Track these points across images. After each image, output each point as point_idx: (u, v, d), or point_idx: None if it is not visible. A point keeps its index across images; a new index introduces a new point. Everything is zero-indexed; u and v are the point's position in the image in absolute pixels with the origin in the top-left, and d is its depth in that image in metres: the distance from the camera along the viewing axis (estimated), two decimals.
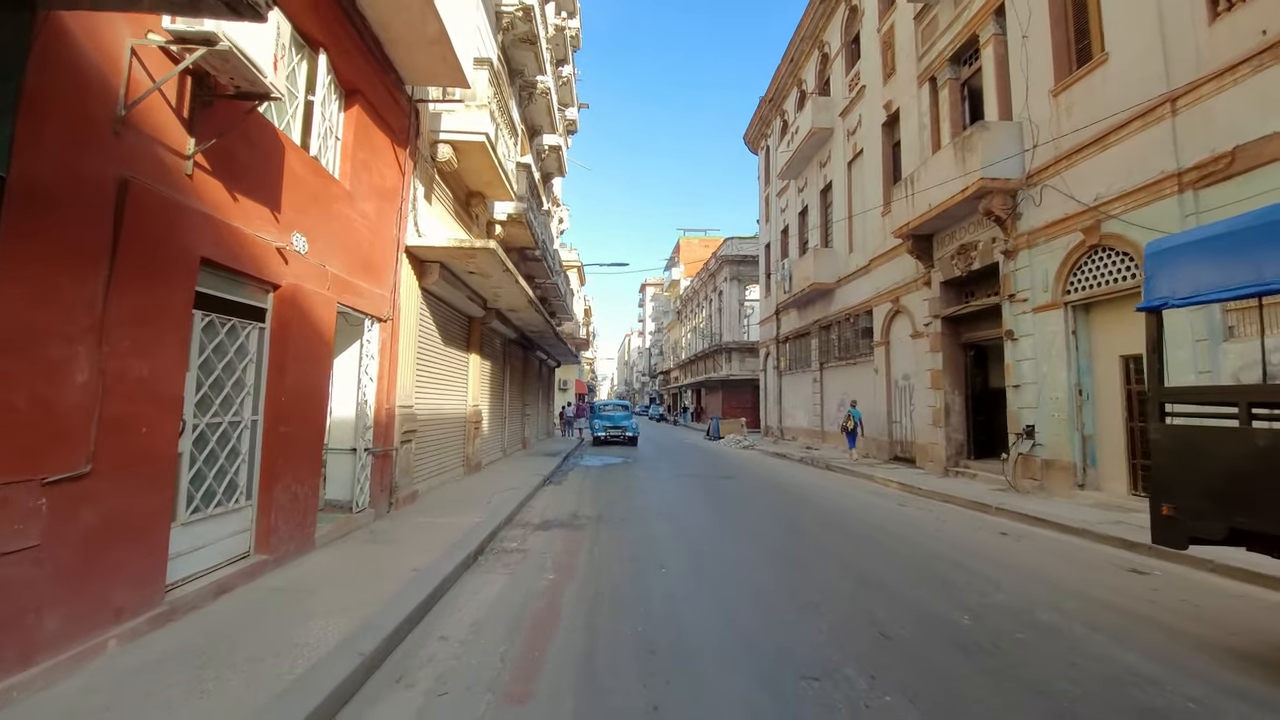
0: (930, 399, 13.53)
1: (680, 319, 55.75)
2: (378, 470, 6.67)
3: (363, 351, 6.51)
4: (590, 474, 13.12)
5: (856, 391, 17.99)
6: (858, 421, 16.15)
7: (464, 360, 11.01)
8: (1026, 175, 10.69)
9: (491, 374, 13.56)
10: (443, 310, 9.55)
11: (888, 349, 15.94)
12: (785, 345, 24.84)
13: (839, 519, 8.02)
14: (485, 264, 8.14)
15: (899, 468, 14.12)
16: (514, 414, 16.65)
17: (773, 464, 16.39)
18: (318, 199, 5.32)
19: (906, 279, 14.71)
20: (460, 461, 10.77)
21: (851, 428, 16.20)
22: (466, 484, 9.79)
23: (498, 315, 12.46)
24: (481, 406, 12.37)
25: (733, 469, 14.67)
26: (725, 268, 37.97)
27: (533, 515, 7.95)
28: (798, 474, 13.84)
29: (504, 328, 13.64)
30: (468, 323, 11.20)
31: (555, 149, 20.02)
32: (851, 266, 18.25)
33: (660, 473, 13.46)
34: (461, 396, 10.87)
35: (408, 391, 7.69)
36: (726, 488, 11.00)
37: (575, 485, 11.18)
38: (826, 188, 20.72)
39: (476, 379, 11.59)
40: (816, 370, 20.90)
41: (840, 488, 11.47)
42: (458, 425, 10.61)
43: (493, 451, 13.67)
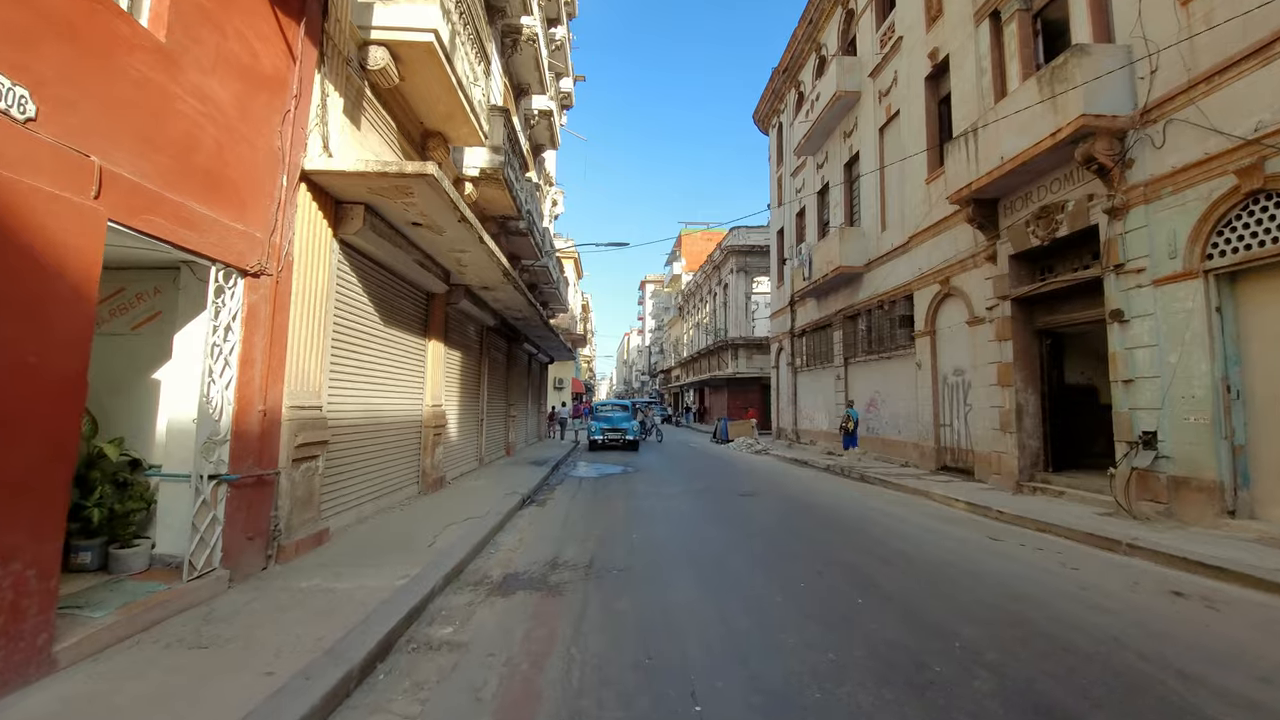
0: (995, 398, 11.16)
1: (682, 315, 53.41)
2: (243, 506, 4.29)
3: (217, 321, 4.12)
4: (583, 489, 10.72)
5: (890, 390, 15.62)
6: (856, 421, 15.59)
7: (420, 348, 8.63)
8: (1142, 110, 8.32)
9: (464, 367, 11.18)
10: (380, 278, 7.16)
11: (933, 340, 13.56)
12: (801, 339, 22.47)
13: (928, 567, 5.64)
14: (429, 204, 5.75)
15: (953, 480, 11.75)
16: (495, 415, 14.26)
17: (796, 474, 14.00)
18: (79, 37, 2.95)
19: (961, 255, 12.34)
20: (413, 478, 8.39)
21: (851, 429, 15.52)
22: (416, 511, 7.40)
23: (469, 295, 10.07)
24: (447, 407, 9.99)
25: (752, 482, 12.28)
26: (731, 259, 35.62)
27: (494, 564, 5.56)
28: (832, 488, 11.46)
29: (479, 311, 11.25)
30: (426, 300, 8.81)
31: (546, 115, 17.64)
32: (885, 246, 15.88)
33: (667, 487, 11.07)
34: (416, 394, 8.49)
35: (312, 386, 5.31)
36: (752, 511, 8.61)
37: (563, 507, 8.79)
38: (852, 160, 18.36)
39: (439, 372, 9.20)
40: (839, 366, 18.53)
41: (895, 509, 9.09)
42: (409, 432, 8.23)
43: (464, 461, 11.28)
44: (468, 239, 6.95)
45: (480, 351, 12.50)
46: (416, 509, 7.45)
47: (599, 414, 21.64)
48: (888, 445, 15.67)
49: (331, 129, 5.56)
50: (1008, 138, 10.02)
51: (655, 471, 13.88)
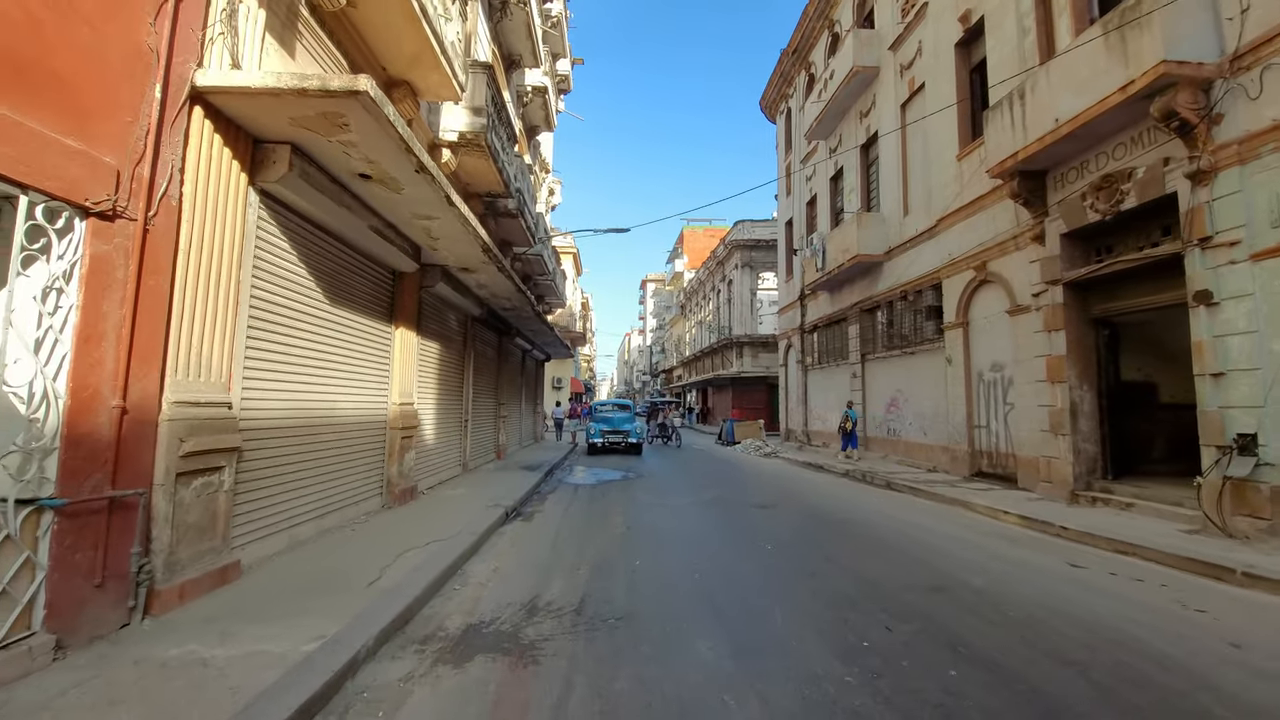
0: (1042, 396, 9.88)
1: (684, 313, 52.14)
2: (84, 542, 3.02)
3: (31, 275, 2.86)
4: (578, 499, 9.44)
5: (914, 388, 14.34)
6: (854, 422, 15.43)
7: (383, 336, 7.35)
8: (1232, 55, 7.06)
9: (443, 361, 9.91)
10: (325, 247, 5.87)
11: (966, 332, 12.28)
12: (813, 335, 21.19)
13: (1018, 613, 4.35)
14: (373, 143, 4.48)
15: (993, 488, 10.47)
16: (482, 416, 12.98)
17: (813, 480, 12.71)
18: None
19: (1000, 236, 11.06)
20: (376, 489, 7.11)
21: (850, 429, 15.30)
22: (372, 530, 6.12)
23: (446, 277, 8.80)
24: (421, 406, 8.73)
25: (766, 490, 11.00)
26: (736, 253, 34.35)
27: (455, 607, 4.27)
28: (858, 498, 10.16)
29: (461, 298, 9.98)
30: (392, 281, 7.54)
31: (540, 93, 16.38)
32: (908, 232, 14.61)
33: (673, 497, 9.78)
34: (378, 390, 7.22)
35: (215, 375, 4.05)
36: (775, 529, 7.33)
37: (553, 522, 7.51)
38: (869, 141, 17.09)
39: (409, 366, 7.93)
40: (856, 363, 17.24)
41: (939, 525, 7.81)
42: (369, 434, 6.96)
43: (444, 467, 10.00)
44: (432, 200, 5.67)
45: (464, 344, 11.23)
46: (373, 528, 6.17)
47: (598, 415, 19.73)
48: (911, 448, 14.39)
49: (249, 47, 4.29)
50: (1063, 98, 8.75)
51: (658, 478, 12.59)
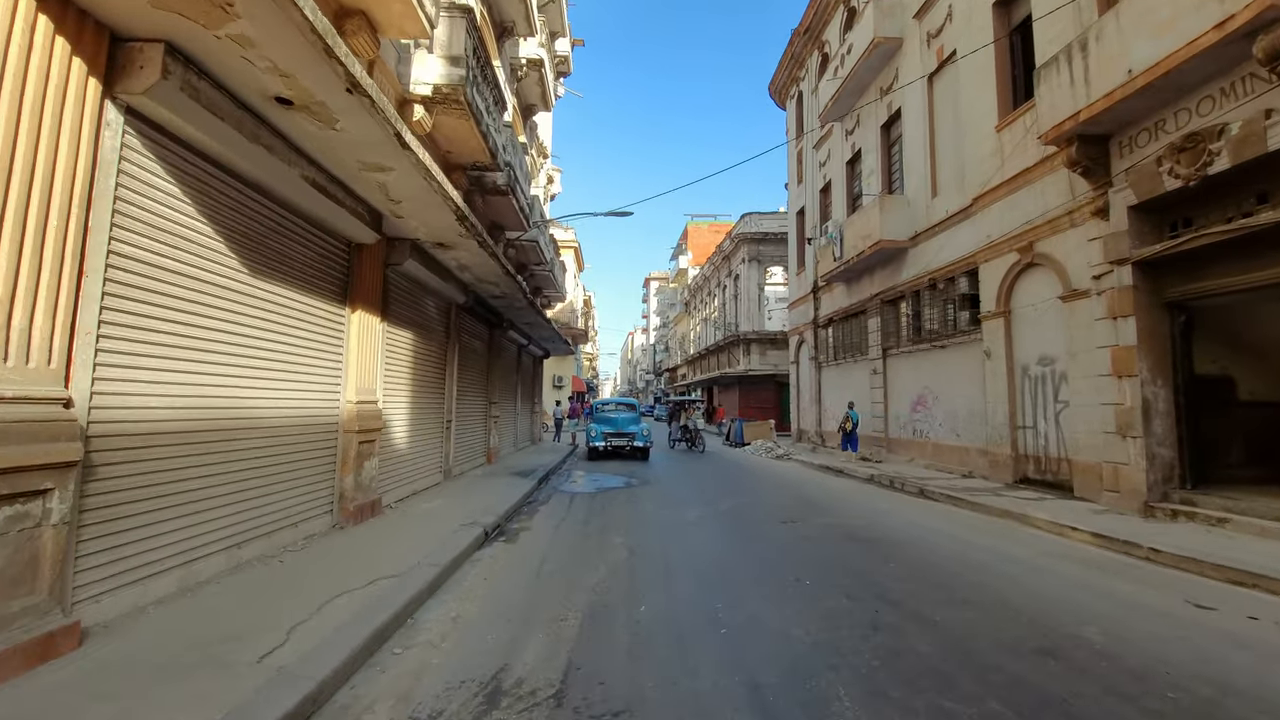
0: (1106, 392, 8.61)
1: (688, 311, 50.87)
2: None
3: None
4: (573, 513, 8.18)
5: (944, 385, 13.06)
6: (855, 423, 15.51)
7: (334, 320, 6.11)
8: None
9: (419, 354, 8.66)
10: (238, 199, 4.57)
11: (1008, 322, 10.99)
12: (827, 330, 19.92)
13: (1182, 695, 3.11)
14: (275, 41, 3.24)
15: (1045, 498, 9.21)
16: (469, 416, 11.74)
17: (837, 488, 11.44)
18: None
19: (1052, 212, 9.77)
20: (324, 505, 5.87)
21: (850, 429, 15.40)
22: (304, 562, 4.86)
23: (418, 253, 7.56)
24: (389, 404, 7.50)
25: (788, 500, 9.73)
26: (743, 247, 33.06)
27: (381, 694, 2.93)
28: (893, 510, 8.90)
29: (439, 281, 8.74)
30: (346, 253, 6.30)
31: (536, 66, 15.14)
32: (937, 214, 13.33)
33: (683, 509, 8.53)
34: (326, 384, 5.98)
35: (31, 354, 2.82)
36: (810, 554, 6.06)
37: (540, 545, 6.25)
38: (891, 119, 15.81)
39: (372, 356, 6.68)
40: (877, 358, 15.96)
41: (995, 543, 6.55)
42: (313, 439, 5.71)
43: (420, 475, 8.76)
44: (381, 142, 4.43)
45: (447, 335, 9.99)
46: (309, 559, 4.93)
47: (600, 415, 17.65)
48: (941, 451, 13.11)
49: None
50: (1139, 45, 7.48)
51: (666, 485, 11.33)
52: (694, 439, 19.77)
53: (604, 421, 16.89)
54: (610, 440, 16.10)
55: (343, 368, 6.16)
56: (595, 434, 16.25)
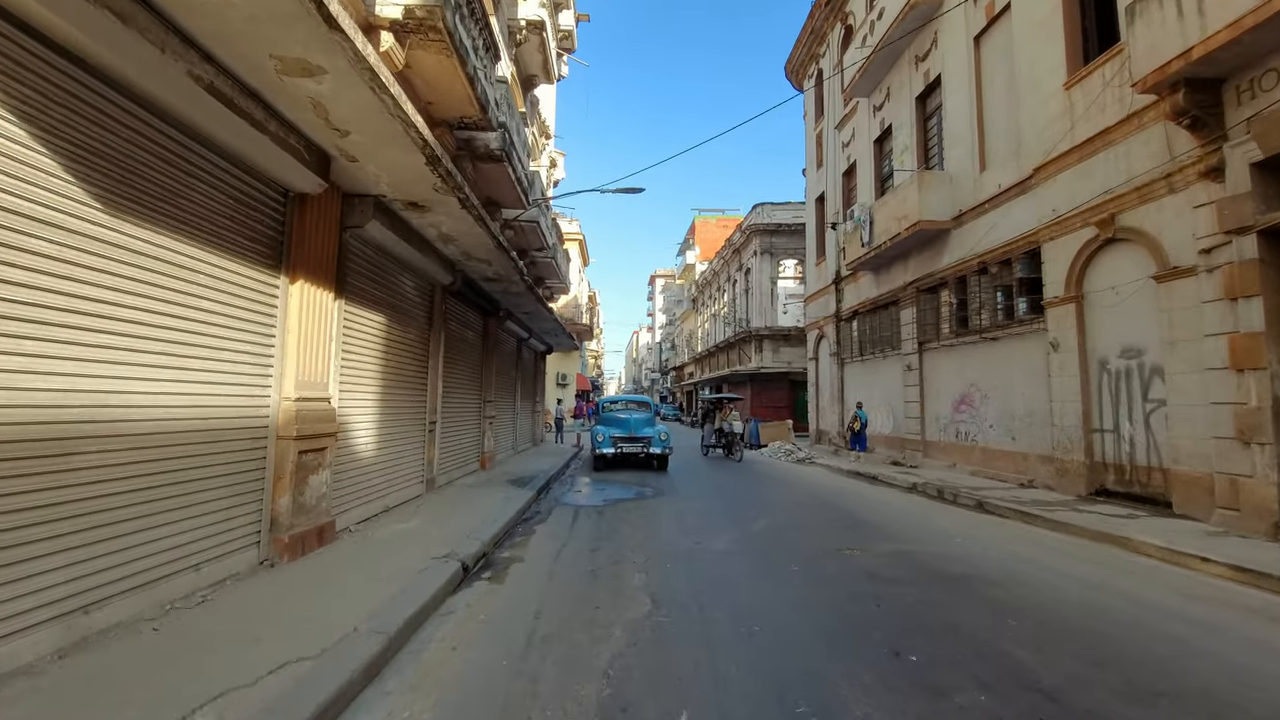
0: (1219, 389, 7.13)
1: (696, 308, 49.39)
2: None
3: None
4: (577, 537, 6.73)
5: (996, 381, 11.56)
6: (864, 423, 15.24)
7: (262, 290, 4.66)
8: None
9: (391, 342, 7.23)
10: (91, 101, 3.19)
11: (1079, 308, 9.50)
12: (851, 323, 18.43)
13: None
14: None
15: (1136, 514, 7.74)
16: (459, 416, 10.32)
17: (881, 500, 9.97)
18: None
19: (1142, 176, 8.28)
20: (247, 536, 4.44)
21: (858, 429, 15.08)
22: (192, 631, 3.37)
23: (383, 213, 6.12)
24: (348, 402, 6.08)
25: (832, 518, 8.27)
26: (755, 239, 31.56)
27: None
28: (960, 529, 7.43)
29: (417, 254, 7.30)
30: (282, 204, 4.86)
31: (536, 29, 13.71)
32: (987, 190, 11.84)
33: (709, 532, 7.07)
34: (249, 376, 4.54)
35: None
36: (885, 600, 4.61)
37: (532, 591, 4.76)
38: (928, 90, 14.32)
39: (318, 340, 5.24)
40: (912, 353, 14.47)
41: (1117, 582, 5.08)
42: (228, 449, 4.28)
43: (392, 487, 7.32)
44: (294, 15, 2.99)
45: (430, 322, 8.55)
46: (196, 624, 3.48)
47: (608, 415, 14.69)
48: (992, 456, 11.62)
49: None
50: None
51: (682, 496, 9.88)
52: (731, 445, 16.77)
53: (613, 423, 14.02)
54: (621, 446, 13.28)
55: (276, 354, 4.74)
56: (603, 439, 13.29)
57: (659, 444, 13.33)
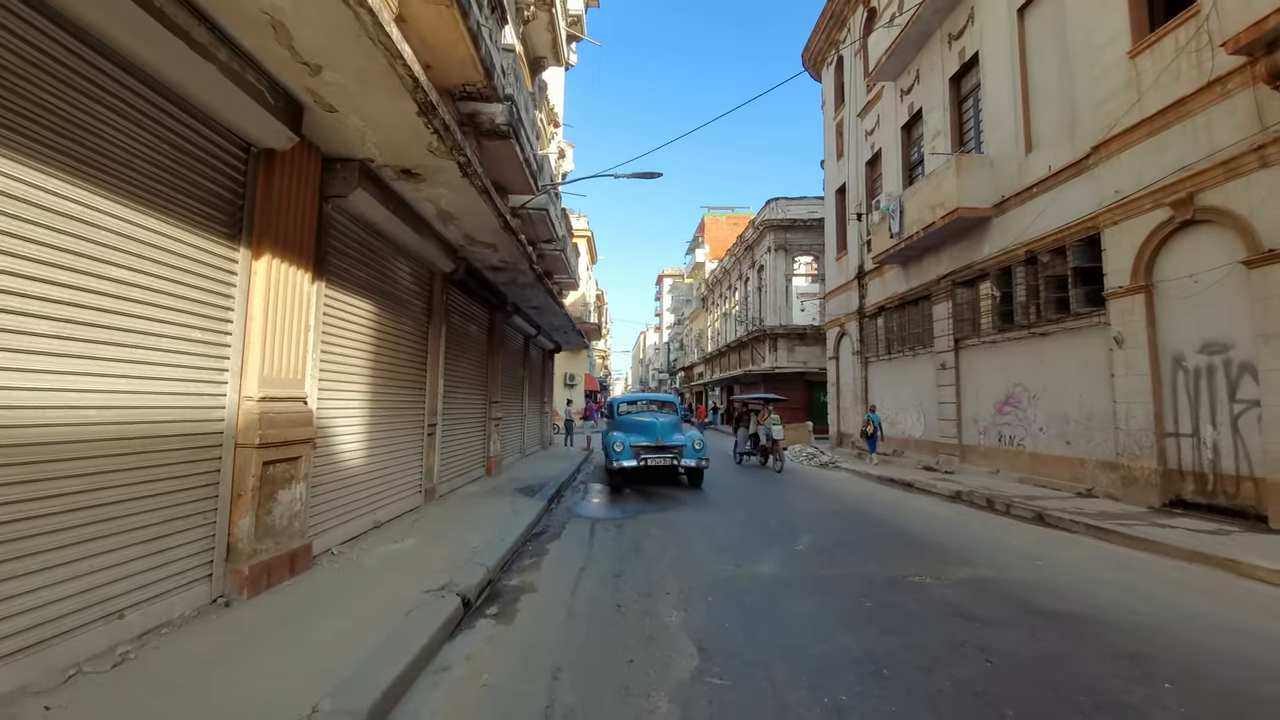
0: None
1: (705, 307, 48.46)
2: None
3: None
4: (597, 560, 5.83)
5: (1046, 381, 10.61)
6: (877, 426, 15.01)
7: (217, 264, 3.81)
8: None
9: (381, 332, 6.37)
10: None
11: (1149, 298, 8.55)
12: (876, 320, 17.48)
13: None
14: None
15: (1227, 528, 6.83)
16: (462, 418, 9.47)
17: (928, 513, 9.06)
18: None
19: (1224, 151, 7.36)
20: (196, 570, 3.59)
21: (871, 432, 14.85)
22: (93, 709, 2.58)
23: (370, 181, 5.27)
24: (332, 403, 5.23)
25: (881, 534, 7.36)
26: (768, 235, 30.61)
27: None
28: (1032, 548, 6.51)
29: (412, 234, 6.44)
30: (242, 161, 4.01)
31: (545, 5, 12.88)
32: (1034, 173, 10.88)
33: (748, 553, 6.16)
34: (200, 367, 3.70)
35: None
36: (995, 654, 3.73)
37: (549, 634, 3.86)
38: (963, 70, 13.39)
39: (290, 327, 4.38)
40: (945, 350, 13.52)
41: (1256, 623, 4.15)
42: (167, 461, 3.44)
43: (384, 500, 6.46)
44: None
45: (429, 313, 7.70)
46: (105, 699, 2.64)
47: (625, 418, 12.09)
48: (1041, 462, 10.66)
49: None
50: None
51: (709, 506, 8.99)
52: (770, 452, 14.37)
53: (632, 428, 11.09)
54: (645, 457, 10.32)
55: (234, 344, 3.88)
56: (621, 448, 10.30)
57: (693, 454, 10.60)
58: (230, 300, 3.87)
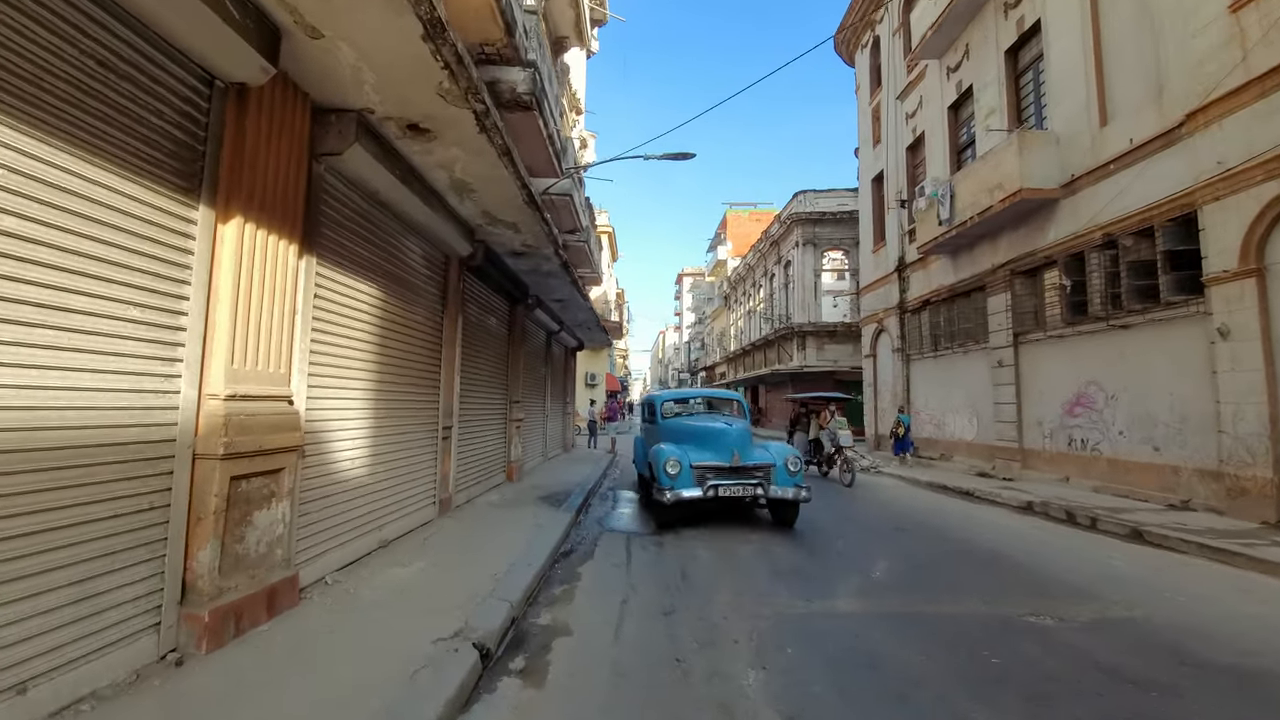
0: None
1: (728, 305, 47.35)
2: None
3: None
4: (639, 594, 4.85)
5: (1127, 378, 9.49)
6: (906, 427, 14.61)
7: (169, 227, 3.02)
8: None
9: (387, 321, 5.54)
10: None
11: (1261, 283, 7.44)
12: (919, 315, 16.37)
13: None
14: None
15: None
16: (481, 419, 8.66)
17: (1002, 528, 8.06)
18: None
19: None
20: (143, 619, 2.79)
21: (901, 434, 14.46)
22: None
23: (373, 140, 4.44)
24: (324, 398, 4.41)
25: (964, 557, 6.38)
26: (796, 229, 29.49)
27: None
28: (1158, 579, 5.47)
29: (426, 210, 5.62)
30: (205, 93, 3.19)
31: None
32: (1113, 146, 9.76)
33: (820, 582, 5.20)
34: (151, 358, 2.90)
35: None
36: None
37: (593, 700, 3.04)
38: (1022, 40, 12.29)
39: (270, 308, 3.56)
40: (1004, 346, 12.39)
41: None
42: (92, 478, 2.63)
43: (393, 515, 5.63)
44: None
45: (444, 302, 6.88)
46: None
47: (673, 423, 8.52)
48: (1122, 469, 9.54)
49: None
50: None
51: (759, 518, 8.04)
52: (834, 460, 12.18)
53: (690, 438, 7.71)
54: (714, 481, 6.98)
55: (192, 326, 3.07)
56: (676, 468, 6.97)
57: (785, 480, 7.08)
58: (186, 272, 3.06)
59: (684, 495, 6.83)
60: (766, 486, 7.05)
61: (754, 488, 7.01)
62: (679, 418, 9.05)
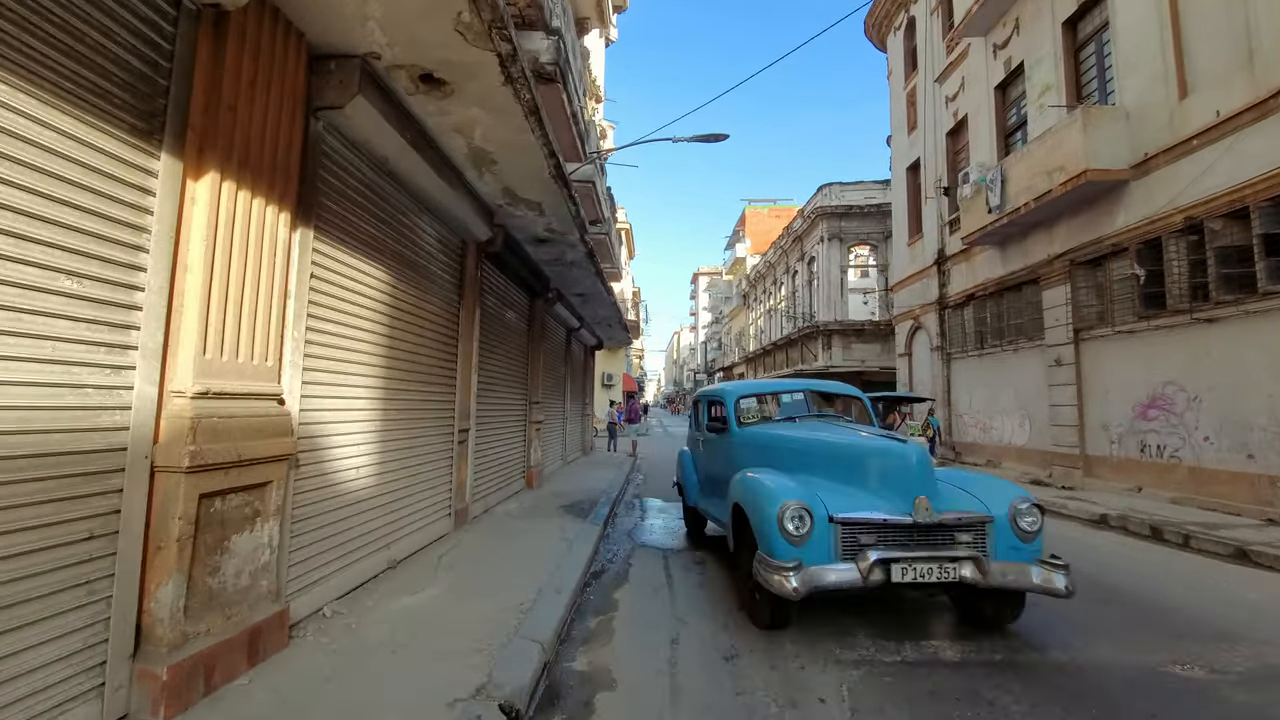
0: None
1: (747, 304, 46.38)
2: None
3: None
4: (688, 628, 4.23)
5: (1213, 377, 8.58)
6: (936, 430, 13.81)
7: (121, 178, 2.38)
8: None
9: (396, 310, 4.88)
10: None
11: None
12: (962, 311, 15.43)
13: None
14: None
15: None
16: (499, 422, 8.01)
17: (1095, 545, 7.21)
18: None
19: None
20: (78, 682, 2.15)
21: (931, 435, 13.40)
22: None
23: (382, 96, 3.79)
24: (320, 397, 3.76)
25: (1125, 613, 5.52)
26: (820, 224, 28.53)
27: None
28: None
29: (441, 184, 4.95)
30: (175, 22, 2.57)
31: None
32: (1194, 120, 8.83)
33: (950, 657, 4.22)
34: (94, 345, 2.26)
35: None
36: None
37: None
38: (1082, 9, 11.35)
39: (254, 286, 2.92)
40: (1063, 343, 11.46)
41: None
42: (9, 497, 1.98)
43: (403, 530, 4.97)
44: None
45: (460, 291, 6.22)
46: None
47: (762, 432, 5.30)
48: (1205, 479, 8.62)
49: None
50: None
51: None
52: None
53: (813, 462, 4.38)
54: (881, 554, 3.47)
55: (151, 304, 2.42)
56: (800, 525, 3.56)
57: (1016, 548, 3.73)
58: (143, 235, 2.41)
59: (828, 581, 3.46)
60: (984, 563, 3.55)
61: (958, 566, 3.52)
62: (766, 424, 5.75)
